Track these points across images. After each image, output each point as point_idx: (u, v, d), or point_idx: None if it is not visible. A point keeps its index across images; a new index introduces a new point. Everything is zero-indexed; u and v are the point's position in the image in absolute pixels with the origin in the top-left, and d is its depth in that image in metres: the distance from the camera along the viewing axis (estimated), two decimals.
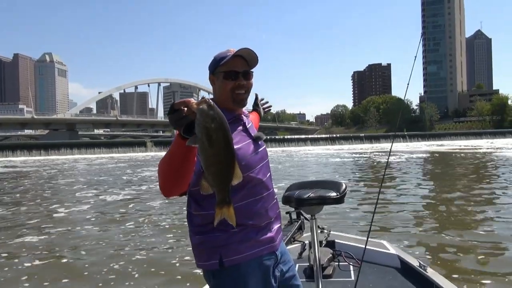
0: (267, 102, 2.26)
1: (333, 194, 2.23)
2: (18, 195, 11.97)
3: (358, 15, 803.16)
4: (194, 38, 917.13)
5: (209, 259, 1.42)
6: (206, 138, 1.02)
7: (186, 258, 4.94)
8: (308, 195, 2.24)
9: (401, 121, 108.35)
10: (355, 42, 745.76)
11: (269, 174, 1.57)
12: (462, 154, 27.36)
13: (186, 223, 5.38)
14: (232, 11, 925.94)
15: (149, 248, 5.47)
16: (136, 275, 4.46)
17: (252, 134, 1.56)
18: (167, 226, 6.81)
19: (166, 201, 9.28)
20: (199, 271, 4.23)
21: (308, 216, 2.41)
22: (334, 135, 64.64)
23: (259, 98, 2.21)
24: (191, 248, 4.88)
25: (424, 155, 26.95)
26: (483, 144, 43.68)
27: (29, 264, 4.97)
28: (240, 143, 1.46)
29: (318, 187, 2.35)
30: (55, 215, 8.32)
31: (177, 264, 4.78)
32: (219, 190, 1.09)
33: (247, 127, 1.57)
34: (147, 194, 11.12)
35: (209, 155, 1.03)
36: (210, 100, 1.05)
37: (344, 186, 2.31)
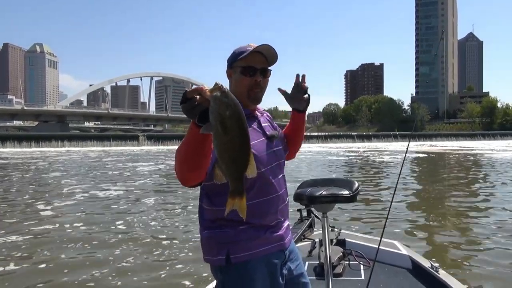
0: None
1: (346, 192, 2.20)
2: (1, 190, 11.33)
3: (352, 14, 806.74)
4: (188, 33, 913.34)
5: (216, 254, 1.43)
6: (221, 126, 1.01)
7: (177, 266, 4.56)
8: (320, 192, 2.20)
9: (394, 121, 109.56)
10: (348, 41, 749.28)
11: (281, 175, 1.55)
12: (456, 155, 27.68)
13: (177, 224, 5.47)
14: (227, 7, 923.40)
15: (138, 254, 5.04)
16: (119, 283, 4.11)
17: (267, 133, 1.53)
18: (159, 227, 6.45)
19: (160, 199, 9.09)
20: (188, 283, 4.07)
21: (319, 214, 2.39)
22: (327, 133, 64.86)
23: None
24: (183, 255, 4.53)
25: (421, 155, 27.08)
26: (478, 145, 44.27)
27: (2, 269, 4.55)
28: (252, 141, 1.39)
29: (330, 185, 2.31)
30: (41, 212, 7.81)
31: (163, 275, 4.34)
32: (233, 179, 1.08)
33: (262, 125, 1.54)
34: (140, 190, 10.80)
35: (224, 142, 1.02)
36: (224, 86, 1.03)
37: (356, 185, 2.28)
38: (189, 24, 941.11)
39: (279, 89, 1.72)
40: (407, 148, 2.86)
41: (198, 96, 1.03)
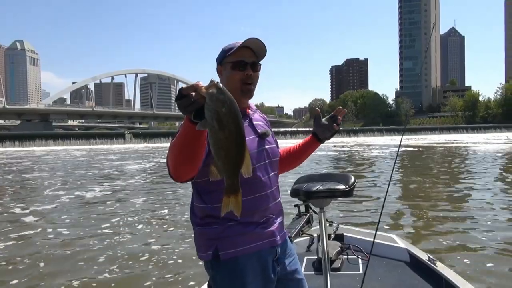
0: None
1: (342, 187, 2.21)
2: None
3: (337, 10, 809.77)
4: (174, 31, 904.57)
5: (206, 250, 1.45)
6: (217, 123, 1.01)
7: (167, 276, 4.21)
8: (316, 188, 2.21)
9: (379, 115, 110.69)
10: (333, 36, 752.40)
11: (273, 173, 1.55)
12: (443, 148, 28.13)
13: (165, 226, 5.34)
14: (212, 4, 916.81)
15: (124, 261, 4.64)
16: None
17: (259, 131, 1.54)
18: (147, 230, 6.14)
19: (149, 200, 8.87)
20: (180, 285, 3.97)
21: (316, 209, 2.39)
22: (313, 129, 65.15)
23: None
24: (172, 262, 4.33)
25: (410, 149, 27.31)
26: (463, 139, 45.02)
27: None
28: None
29: (326, 180, 2.32)
30: (23, 216, 7.39)
31: (153, 280, 4.06)
32: (228, 176, 1.08)
33: (254, 123, 1.55)
34: (128, 190, 10.54)
35: (220, 139, 1.03)
36: (220, 84, 1.03)
37: (353, 179, 2.29)
38: (174, 22, 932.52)
39: (317, 110, 1.82)
40: (400, 142, 2.88)
41: (193, 93, 1.03)
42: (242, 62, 1.48)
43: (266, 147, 1.54)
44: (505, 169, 14.06)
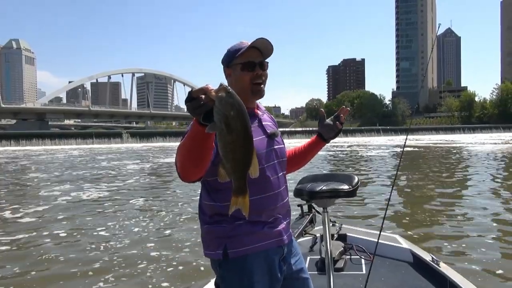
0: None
1: (346, 187, 2.21)
2: None
3: (334, 10, 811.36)
4: (170, 29, 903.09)
5: (214, 249, 1.46)
6: (226, 126, 1.03)
7: (166, 283, 4.03)
8: (320, 188, 2.21)
9: (376, 116, 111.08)
10: (330, 37, 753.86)
11: (281, 173, 1.57)
12: (442, 149, 28.18)
13: (163, 229, 5.25)
14: (210, 2, 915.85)
15: (121, 269, 4.42)
16: None
17: (268, 131, 1.56)
18: (145, 234, 5.90)
19: (148, 201, 8.72)
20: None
21: (320, 209, 2.39)
22: (310, 129, 65.32)
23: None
24: (171, 270, 4.22)
25: (409, 149, 27.29)
26: (461, 139, 45.29)
27: None
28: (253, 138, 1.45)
29: (330, 180, 2.32)
30: (18, 219, 7.14)
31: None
32: (236, 178, 1.10)
33: (263, 123, 1.57)
34: (126, 190, 10.39)
35: (228, 142, 1.05)
36: (229, 87, 1.05)
37: (356, 179, 2.30)
38: (172, 22, 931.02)
39: (321, 111, 1.85)
40: (404, 143, 2.88)
41: (203, 96, 1.05)
42: (251, 63, 1.49)
43: (275, 147, 1.56)
44: (505, 169, 14.13)
